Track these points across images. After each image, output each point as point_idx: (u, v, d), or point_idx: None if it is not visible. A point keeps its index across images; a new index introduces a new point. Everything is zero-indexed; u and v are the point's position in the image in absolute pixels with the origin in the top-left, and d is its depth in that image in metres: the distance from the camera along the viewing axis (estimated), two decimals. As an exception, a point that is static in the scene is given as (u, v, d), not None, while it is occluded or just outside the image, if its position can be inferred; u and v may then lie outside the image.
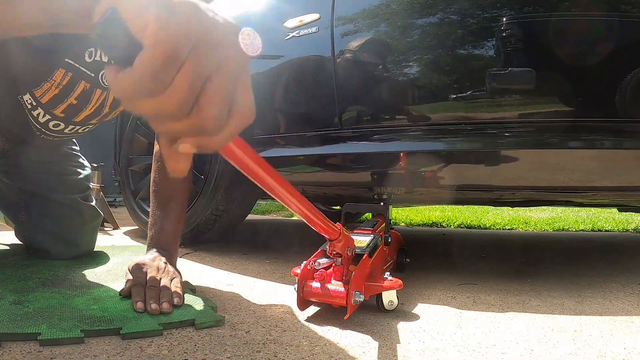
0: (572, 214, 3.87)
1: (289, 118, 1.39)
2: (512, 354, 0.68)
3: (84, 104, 0.86)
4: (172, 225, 0.95)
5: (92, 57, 0.81)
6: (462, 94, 1.09)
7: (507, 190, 1.19)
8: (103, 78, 0.84)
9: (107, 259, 1.19)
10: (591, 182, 1.06)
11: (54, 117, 0.89)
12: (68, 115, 0.89)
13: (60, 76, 0.81)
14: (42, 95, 0.84)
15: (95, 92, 0.85)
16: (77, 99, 0.85)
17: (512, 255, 1.83)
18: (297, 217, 2.54)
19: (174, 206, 0.96)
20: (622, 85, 0.95)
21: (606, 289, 1.14)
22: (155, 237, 0.93)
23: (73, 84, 0.82)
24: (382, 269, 1.02)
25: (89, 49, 0.80)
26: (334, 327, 0.78)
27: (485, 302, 0.99)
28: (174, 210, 0.96)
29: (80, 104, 0.86)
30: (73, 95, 0.84)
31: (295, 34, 1.32)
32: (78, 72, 0.81)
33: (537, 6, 1.03)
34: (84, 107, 0.87)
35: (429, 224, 3.06)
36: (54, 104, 0.86)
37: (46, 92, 0.83)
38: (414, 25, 1.15)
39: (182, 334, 0.70)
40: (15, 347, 0.61)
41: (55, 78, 0.81)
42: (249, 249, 1.66)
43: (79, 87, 0.83)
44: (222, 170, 1.49)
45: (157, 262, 0.87)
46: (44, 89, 0.83)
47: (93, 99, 0.86)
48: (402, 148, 1.14)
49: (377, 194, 1.27)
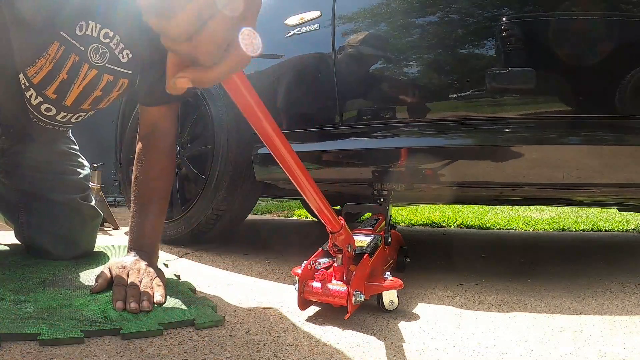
0: (572, 214, 3.87)
1: (289, 114, 1.39)
2: (512, 354, 0.68)
3: (73, 78, 0.87)
4: (153, 226, 0.96)
5: (83, 31, 0.82)
6: (463, 93, 1.09)
7: (507, 187, 1.20)
8: (91, 53, 0.85)
9: (107, 259, 1.19)
10: (591, 178, 1.06)
11: (45, 99, 0.90)
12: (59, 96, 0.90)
13: (55, 49, 0.82)
14: (35, 74, 0.85)
15: (83, 65, 0.86)
16: (67, 73, 0.86)
17: (512, 255, 1.83)
18: (297, 217, 2.53)
19: (154, 207, 0.96)
20: (622, 84, 0.96)
21: (606, 289, 1.14)
22: (136, 238, 0.94)
23: (65, 58, 0.84)
24: (382, 268, 1.02)
25: (80, 22, 0.81)
26: (334, 327, 0.78)
27: (485, 302, 0.99)
28: (154, 211, 0.96)
29: (70, 78, 0.87)
30: (65, 69, 0.85)
31: (296, 31, 1.33)
32: (69, 44, 0.82)
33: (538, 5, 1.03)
34: (73, 83, 0.88)
35: (429, 224, 3.06)
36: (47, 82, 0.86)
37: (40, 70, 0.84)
38: (413, 23, 1.15)
39: (182, 334, 0.70)
40: (15, 347, 0.61)
41: (50, 52, 0.82)
42: (249, 249, 1.66)
43: (70, 60, 0.84)
44: (223, 169, 1.49)
45: (138, 265, 0.87)
46: (38, 66, 0.83)
47: (81, 73, 0.87)
48: (402, 144, 1.14)
49: (377, 190, 1.27)
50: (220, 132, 1.51)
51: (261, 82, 1.41)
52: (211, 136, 1.54)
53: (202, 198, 1.52)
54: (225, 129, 1.51)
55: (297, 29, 1.32)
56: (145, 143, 0.98)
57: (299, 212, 3.66)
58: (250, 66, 1.43)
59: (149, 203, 0.96)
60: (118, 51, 0.88)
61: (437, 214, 3.47)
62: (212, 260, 1.41)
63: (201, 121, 1.64)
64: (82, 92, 0.90)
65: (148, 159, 0.97)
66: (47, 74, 0.85)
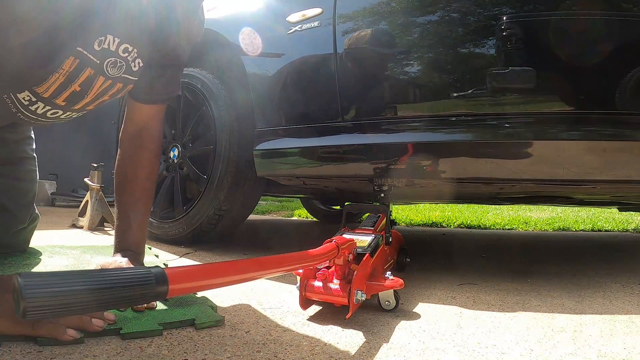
0: (572, 214, 3.87)
1: (291, 110, 1.39)
2: (512, 354, 0.68)
3: (86, 91, 0.85)
4: (140, 226, 0.96)
5: (101, 46, 0.80)
6: (463, 90, 1.09)
7: (507, 183, 1.20)
8: (108, 66, 0.84)
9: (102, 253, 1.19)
10: (590, 174, 1.07)
11: (54, 106, 0.88)
12: (69, 103, 0.88)
13: (69, 63, 0.79)
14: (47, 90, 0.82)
15: (98, 79, 0.84)
16: (80, 85, 0.84)
17: (512, 255, 1.83)
18: (297, 217, 2.54)
19: (142, 207, 0.97)
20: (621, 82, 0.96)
21: (606, 289, 1.14)
22: (125, 238, 0.94)
23: (79, 71, 0.81)
24: (383, 268, 1.02)
25: (100, 37, 0.79)
26: (334, 326, 0.78)
27: (485, 302, 0.99)
28: (142, 210, 0.97)
29: (83, 90, 0.85)
30: (77, 82, 0.83)
31: (297, 28, 1.33)
32: (85, 58, 0.79)
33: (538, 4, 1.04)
34: (85, 95, 0.86)
35: (429, 224, 3.06)
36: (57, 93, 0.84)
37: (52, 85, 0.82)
38: (414, 22, 1.15)
39: (182, 334, 0.70)
40: (15, 347, 0.60)
41: (65, 67, 0.79)
42: (249, 249, 1.66)
43: (84, 73, 0.82)
44: (225, 169, 1.49)
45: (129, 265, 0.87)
46: (50, 82, 0.81)
47: (95, 86, 0.85)
48: (403, 139, 1.14)
49: (378, 185, 1.27)
50: (222, 132, 1.51)
51: (263, 78, 1.41)
52: (213, 136, 1.54)
53: (204, 198, 1.52)
54: (227, 129, 1.51)
55: (299, 25, 1.33)
56: (134, 143, 0.98)
57: (299, 212, 3.66)
58: (252, 64, 1.43)
59: (138, 203, 0.96)
60: (133, 62, 0.87)
61: (437, 214, 3.47)
62: (213, 260, 1.41)
63: (203, 121, 1.64)
64: (93, 99, 0.89)
65: (139, 159, 0.97)
66: (59, 86, 0.83)
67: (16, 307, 0.39)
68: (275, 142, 1.38)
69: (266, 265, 0.64)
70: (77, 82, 0.83)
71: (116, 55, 0.83)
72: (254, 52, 1.41)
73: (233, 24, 1.53)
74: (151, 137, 0.99)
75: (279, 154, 1.38)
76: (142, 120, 0.99)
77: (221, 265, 0.57)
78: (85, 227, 2.07)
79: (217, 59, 1.65)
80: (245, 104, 1.50)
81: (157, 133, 1.01)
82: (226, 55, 1.59)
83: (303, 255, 0.73)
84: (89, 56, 0.80)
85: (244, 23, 1.48)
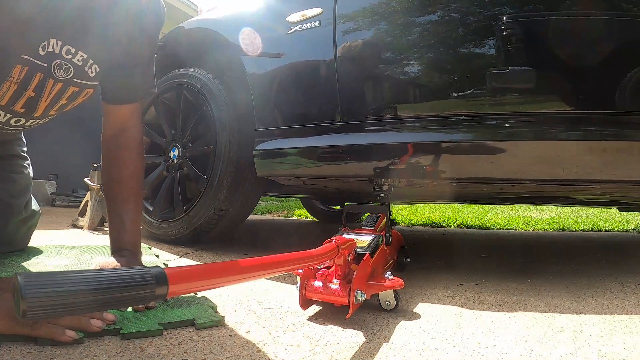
0: (572, 214, 3.87)
1: (290, 110, 1.39)
2: (512, 354, 0.68)
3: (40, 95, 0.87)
4: (134, 225, 0.96)
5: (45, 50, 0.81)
6: (463, 90, 1.09)
7: (507, 183, 1.20)
8: (55, 69, 0.85)
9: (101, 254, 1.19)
10: (590, 174, 1.07)
11: (14, 114, 0.90)
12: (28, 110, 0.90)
13: (18, 71, 0.81)
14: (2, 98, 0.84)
15: (48, 82, 0.86)
16: (34, 90, 0.86)
17: (512, 255, 1.83)
18: (297, 217, 2.53)
19: (132, 205, 0.97)
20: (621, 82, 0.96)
21: (606, 289, 1.14)
22: (120, 238, 0.94)
23: (30, 77, 0.83)
24: (383, 268, 1.02)
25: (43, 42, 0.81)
26: (334, 326, 0.78)
27: (485, 302, 0.99)
28: (134, 209, 0.97)
29: (37, 95, 0.87)
30: (31, 87, 0.85)
31: (297, 28, 1.33)
32: (33, 64, 0.82)
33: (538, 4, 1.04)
34: (40, 99, 0.88)
35: (429, 224, 3.06)
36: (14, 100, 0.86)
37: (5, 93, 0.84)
38: (414, 22, 1.15)
39: (182, 334, 0.70)
40: (15, 347, 0.61)
41: (14, 75, 0.81)
42: (249, 249, 1.66)
43: (35, 79, 0.84)
44: (225, 169, 1.49)
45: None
46: (3, 90, 0.83)
47: (47, 89, 0.87)
48: (403, 139, 1.14)
49: (378, 185, 1.27)
50: (222, 132, 1.51)
51: (263, 78, 1.41)
52: (213, 136, 1.54)
53: (204, 198, 1.52)
54: (227, 129, 1.51)
55: (299, 25, 1.33)
56: (115, 144, 0.99)
57: (299, 212, 3.66)
58: (252, 64, 1.43)
59: (127, 202, 0.96)
60: (87, 67, 0.88)
61: (437, 214, 3.47)
62: (212, 260, 1.41)
63: (203, 121, 1.64)
64: (50, 103, 0.90)
65: (122, 159, 0.98)
66: (14, 93, 0.84)
67: (16, 307, 0.39)
68: (275, 142, 1.38)
69: (266, 265, 0.64)
70: (30, 88, 0.85)
71: (60, 57, 0.83)
72: (254, 52, 1.41)
73: (233, 24, 1.53)
74: (131, 136, 1.00)
75: (278, 154, 1.38)
76: (119, 121, 0.99)
77: (221, 265, 0.57)
78: (85, 227, 2.07)
79: (217, 59, 1.65)
80: (245, 104, 1.50)
81: (136, 132, 1.01)
82: (226, 55, 1.59)
83: (303, 255, 0.73)
84: (36, 62, 0.81)
85: (244, 23, 1.48)
